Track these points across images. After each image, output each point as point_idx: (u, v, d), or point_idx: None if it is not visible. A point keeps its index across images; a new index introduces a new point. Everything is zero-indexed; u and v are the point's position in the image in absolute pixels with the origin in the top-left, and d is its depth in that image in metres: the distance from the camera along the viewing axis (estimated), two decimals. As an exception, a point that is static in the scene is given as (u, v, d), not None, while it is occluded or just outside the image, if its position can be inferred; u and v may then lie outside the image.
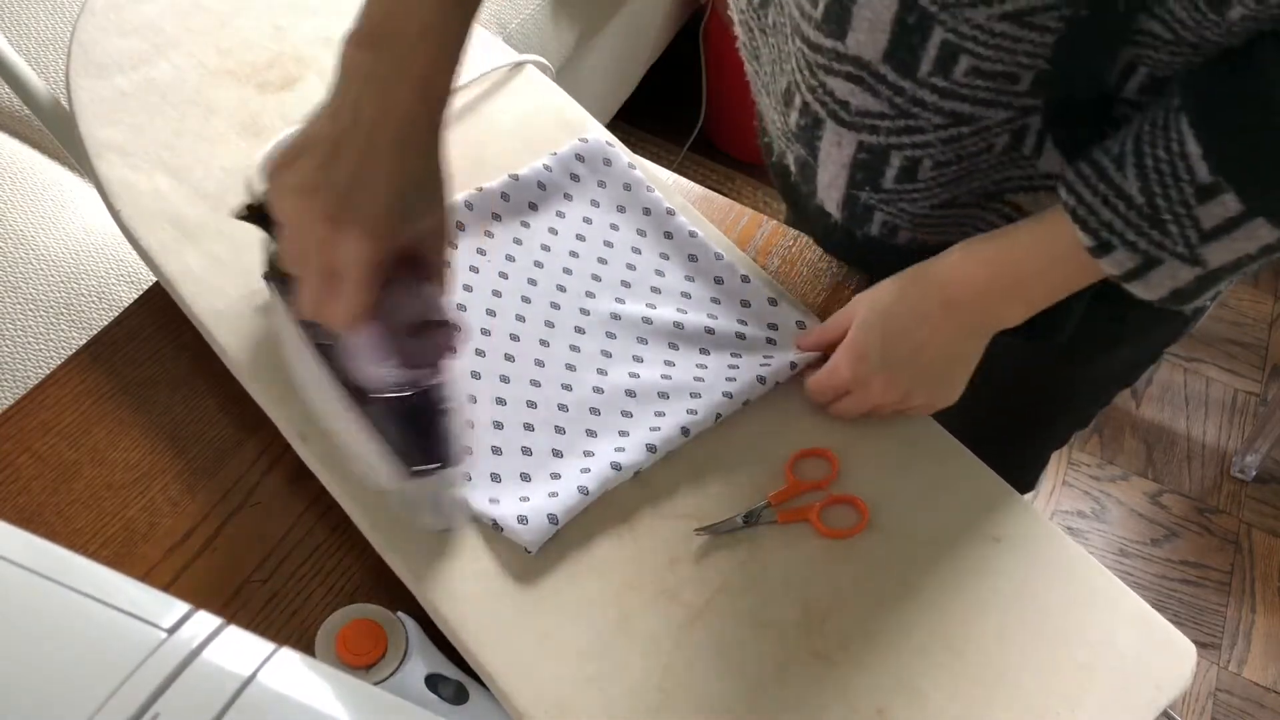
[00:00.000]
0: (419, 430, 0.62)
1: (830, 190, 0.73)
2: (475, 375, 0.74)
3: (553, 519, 0.66)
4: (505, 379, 0.74)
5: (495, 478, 0.69)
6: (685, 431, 0.72)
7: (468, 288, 0.78)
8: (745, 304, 0.81)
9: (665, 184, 0.89)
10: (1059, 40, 0.57)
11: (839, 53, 0.61)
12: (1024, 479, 0.97)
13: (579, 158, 0.86)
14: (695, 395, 0.74)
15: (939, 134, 0.64)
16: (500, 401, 0.73)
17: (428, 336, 0.57)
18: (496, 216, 0.83)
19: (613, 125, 1.63)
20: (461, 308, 0.77)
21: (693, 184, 0.92)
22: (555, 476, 0.69)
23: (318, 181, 0.55)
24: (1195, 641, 0.69)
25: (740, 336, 0.79)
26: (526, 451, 0.71)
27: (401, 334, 0.57)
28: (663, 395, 0.75)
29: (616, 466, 0.69)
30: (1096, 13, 0.55)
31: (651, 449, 0.71)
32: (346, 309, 0.56)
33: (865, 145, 0.67)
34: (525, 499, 0.68)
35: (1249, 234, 0.56)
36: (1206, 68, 0.56)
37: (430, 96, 0.59)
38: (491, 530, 0.67)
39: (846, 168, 0.70)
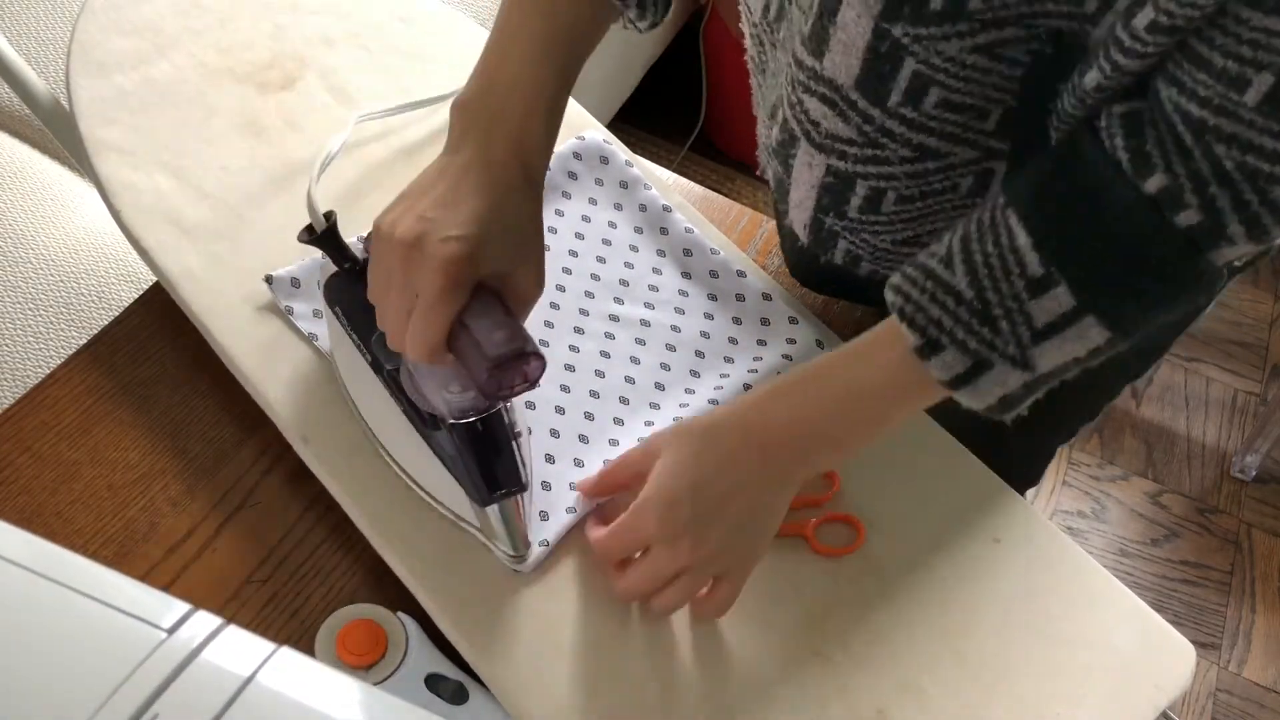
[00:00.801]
0: (492, 455, 0.63)
1: (799, 211, 0.72)
2: (475, 375, 0.74)
3: (544, 544, 0.66)
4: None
5: None
6: None
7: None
8: (740, 298, 0.81)
9: (665, 184, 0.89)
10: (1025, 75, 0.56)
11: (816, 73, 0.61)
12: (1030, 474, 0.95)
13: (576, 156, 0.86)
14: (684, 405, 0.74)
15: (904, 167, 0.64)
16: (500, 402, 0.73)
17: (509, 368, 0.57)
18: None
19: (613, 125, 1.63)
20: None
21: (693, 184, 0.93)
22: (546, 487, 0.69)
23: (405, 215, 0.58)
24: (1195, 641, 0.69)
25: (733, 340, 0.79)
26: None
27: (481, 365, 0.57)
28: (654, 405, 0.74)
29: None
30: (1060, 51, 0.54)
31: None
32: (422, 336, 0.57)
33: (833, 169, 0.66)
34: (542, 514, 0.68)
35: (1080, 333, 0.53)
36: (1030, 166, 0.55)
37: (524, 148, 0.62)
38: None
39: (815, 190, 0.69)
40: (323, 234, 0.66)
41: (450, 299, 0.57)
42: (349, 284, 0.66)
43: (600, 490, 0.67)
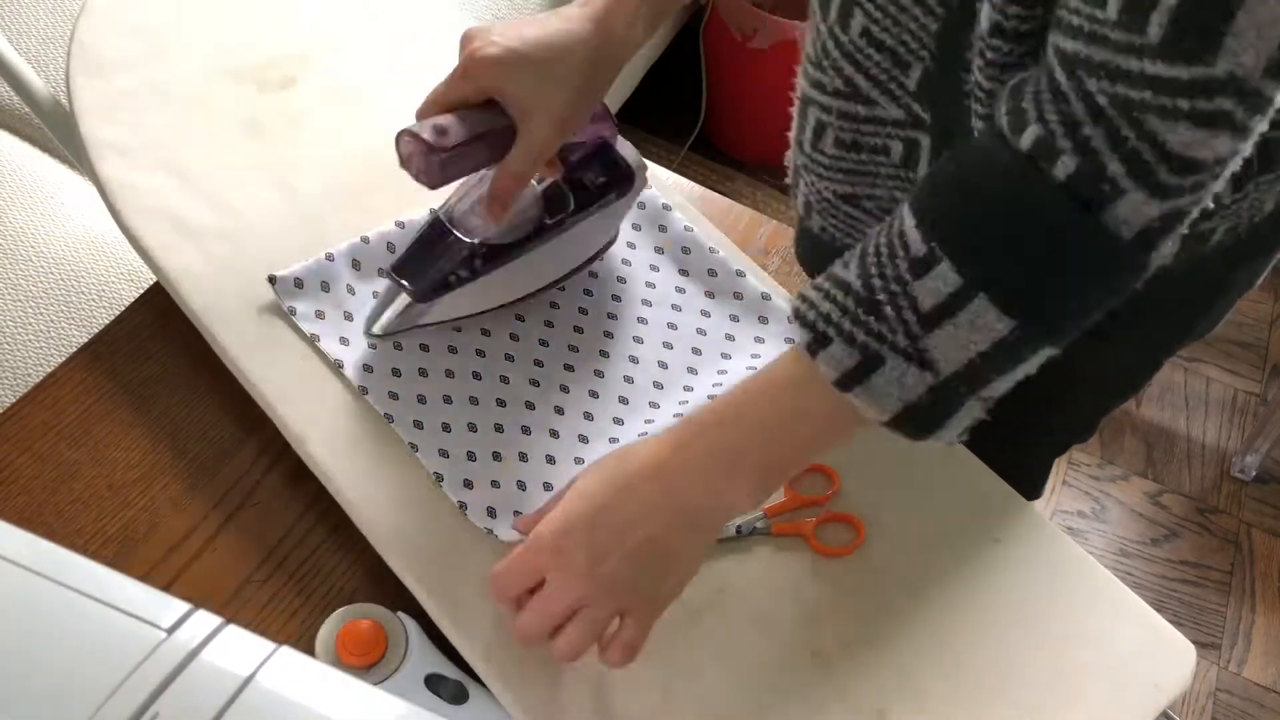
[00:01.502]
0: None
1: (793, 148, 0.76)
2: (476, 376, 0.74)
3: None
4: (505, 379, 0.74)
5: (494, 484, 0.69)
6: None
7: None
8: (738, 297, 0.81)
9: (665, 184, 0.89)
10: (939, 32, 0.56)
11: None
12: (1027, 489, 0.88)
13: None
14: (683, 402, 0.74)
15: (838, 102, 0.66)
16: (500, 404, 0.73)
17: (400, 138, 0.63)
18: None
19: (613, 125, 1.62)
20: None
21: (693, 184, 0.93)
22: (548, 487, 0.69)
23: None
24: (1195, 641, 0.69)
25: (730, 338, 0.79)
26: (523, 458, 0.71)
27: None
28: (654, 405, 0.75)
29: None
30: (965, 11, 0.55)
31: None
32: (430, 95, 0.65)
33: (800, 90, 0.71)
34: (519, 513, 0.68)
35: (973, 319, 0.48)
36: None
37: (610, 16, 0.65)
38: (484, 535, 0.67)
39: (794, 114, 0.73)
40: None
41: (457, 80, 0.64)
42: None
43: (534, 520, 0.62)
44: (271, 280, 0.74)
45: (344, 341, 0.73)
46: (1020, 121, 0.47)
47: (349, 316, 0.75)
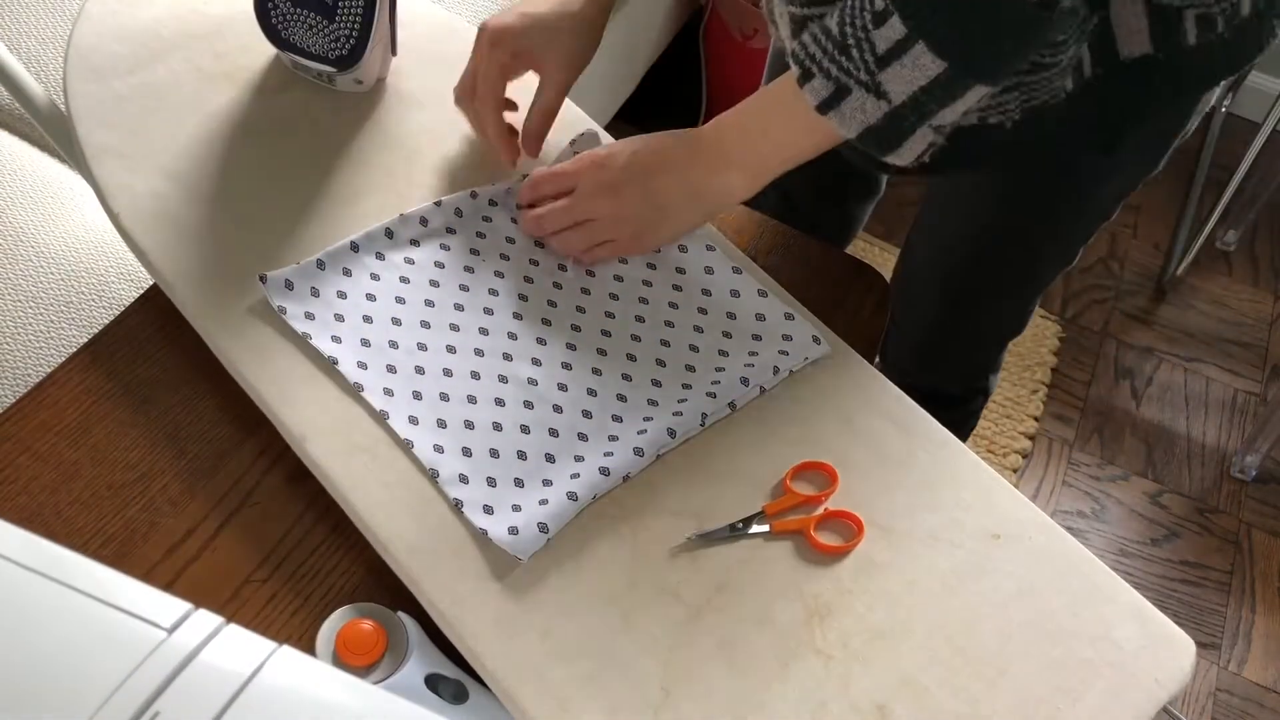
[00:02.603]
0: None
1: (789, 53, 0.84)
2: (475, 375, 0.74)
3: (543, 528, 0.66)
4: (504, 379, 0.74)
5: (491, 482, 0.69)
6: (672, 433, 0.72)
7: (464, 288, 0.79)
8: (735, 295, 0.81)
9: (665, 184, 0.89)
10: None
11: None
12: (1016, 324, 1.07)
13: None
14: (682, 400, 0.74)
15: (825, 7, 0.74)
16: (499, 403, 0.73)
17: None
18: (488, 219, 0.83)
19: (613, 125, 1.62)
20: (459, 308, 0.77)
21: (693, 184, 0.92)
22: (547, 483, 0.69)
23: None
24: (1195, 642, 0.69)
25: (728, 335, 0.79)
26: (522, 456, 0.71)
27: None
28: (652, 402, 0.75)
29: (605, 471, 0.69)
30: None
31: (639, 452, 0.71)
32: (468, 69, 0.84)
33: (793, 16, 0.78)
34: (517, 508, 0.68)
35: (915, 61, 0.62)
36: None
37: None
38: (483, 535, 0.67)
39: (791, 36, 0.80)
40: None
41: (487, 49, 0.81)
42: None
43: (553, 169, 0.80)
44: (262, 279, 0.74)
45: (336, 340, 0.74)
46: None
47: (340, 318, 0.75)
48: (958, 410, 1.21)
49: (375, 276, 0.77)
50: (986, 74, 0.64)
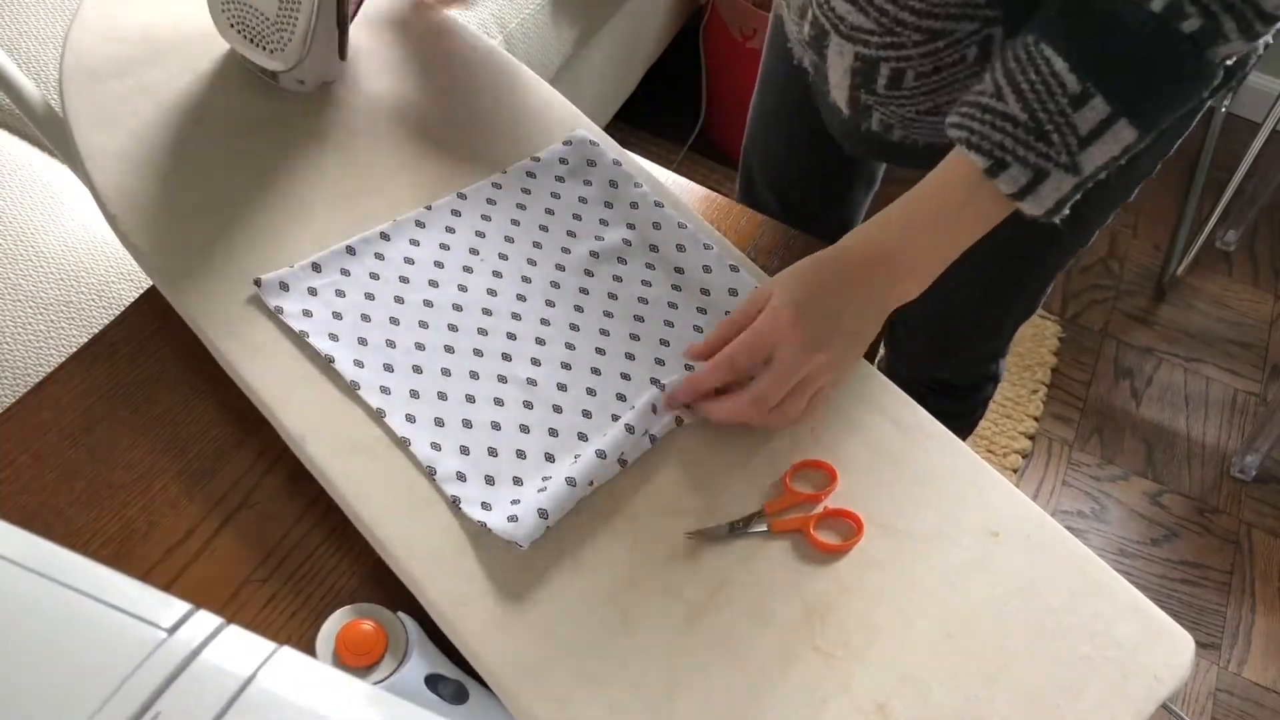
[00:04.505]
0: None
1: (839, 90, 0.83)
2: (474, 375, 0.74)
3: (543, 513, 0.67)
4: (503, 379, 0.74)
5: (489, 480, 0.69)
6: (679, 421, 0.72)
7: (463, 288, 0.79)
8: (734, 293, 0.81)
9: (664, 184, 0.89)
10: None
11: None
12: (1031, 308, 1.08)
13: (562, 160, 0.87)
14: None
15: (918, 49, 0.75)
16: (499, 403, 0.73)
17: None
18: (486, 218, 0.83)
19: (613, 125, 1.62)
20: (458, 308, 0.77)
21: (692, 184, 0.93)
22: (546, 479, 0.69)
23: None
24: (1195, 642, 0.69)
25: None
26: (521, 455, 0.71)
27: None
28: (652, 405, 0.75)
29: (601, 454, 0.70)
30: None
31: (630, 430, 0.71)
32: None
33: (860, 55, 0.78)
34: (516, 500, 0.68)
35: (1115, 135, 0.64)
36: (1049, 9, 0.66)
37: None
38: (485, 531, 0.67)
39: (847, 73, 0.81)
40: None
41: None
42: None
43: (721, 335, 0.74)
44: (257, 283, 0.74)
45: (333, 338, 0.74)
46: None
47: (337, 316, 0.75)
48: (970, 398, 1.22)
49: (374, 276, 0.78)
50: (1155, 131, 0.65)
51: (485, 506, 0.68)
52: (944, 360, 1.15)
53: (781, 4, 0.91)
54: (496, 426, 0.72)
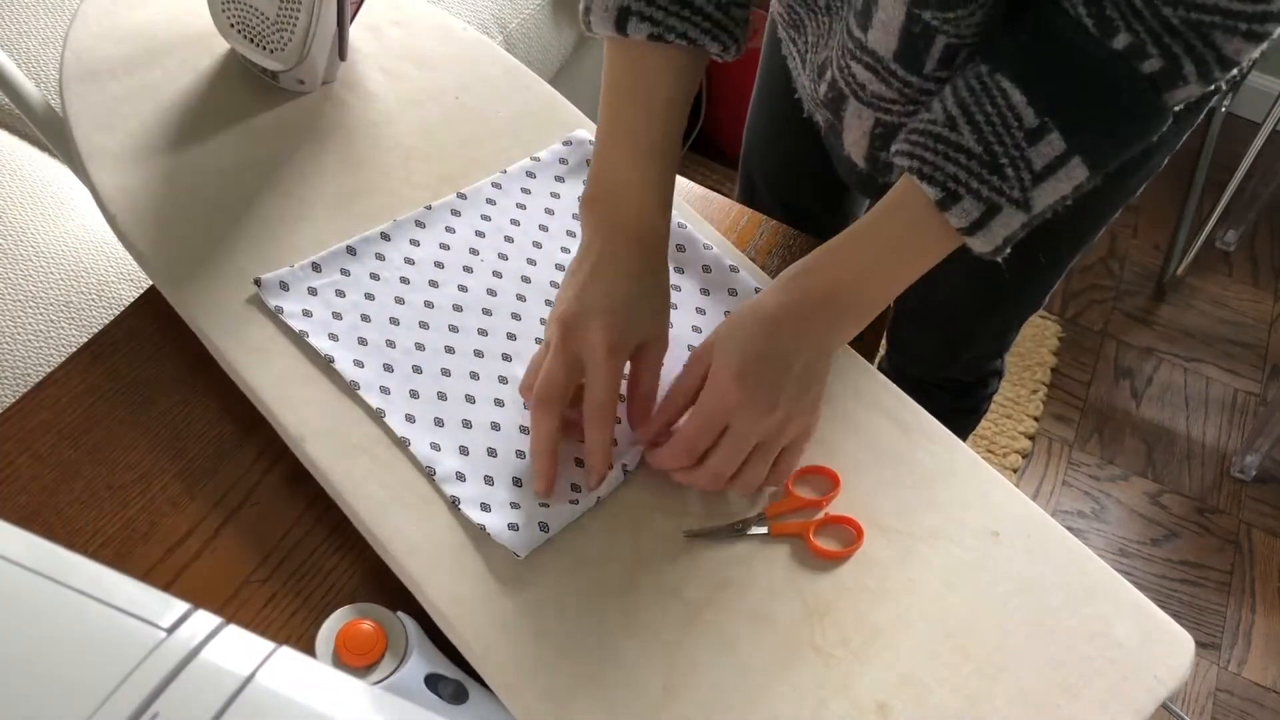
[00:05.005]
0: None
1: (856, 148, 0.82)
2: (474, 376, 0.74)
3: (544, 527, 0.67)
4: (503, 379, 0.74)
5: (489, 480, 0.69)
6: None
7: (463, 288, 0.79)
8: (733, 293, 0.81)
9: (665, 184, 0.89)
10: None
11: (862, 44, 0.70)
12: (1037, 304, 1.06)
13: (562, 161, 0.87)
14: None
15: (918, 109, 0.72)
16: (498, 403, 0.73)
17: None
18: (486, 218, 0.83)
19: (612, 125, 1.59)
20: (458, 308, 0.77)
21: (692, 184, 0.93)
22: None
23: (562, 301, 0.70)
24: (1195, 642, 0.69)
25: None
26: (520, 455, 0.71)
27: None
28: None
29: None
30: None
31: (637, 442, 0.71)
32: (595, 387, 0.68)
33: (881, 121, 0.76)
34: (516, 505, 0.68)
35: (1068, 173, 0.62)
36: (1004, 38, 0.64)
37: (644, 240, 0.72)
38: (484, 532, 0.67)
39: (867, 135, 0.79)
40: None
41: (610, 360, 0.68)
42: None
43: (668, 415, 0.71)
44: (257, 283, 0.74)
45: (333, 338, 0.74)
46: (1109, 27, 0.59)
47: (338, 316, 0.75)
48: (974, 394, 1.22)
49: (375, 276, 0.78)
50: (1108, 167, 0.64)
51: (485, 508, 0.68)
52: (954, 360, 1.15)
53: (790, 53, 0.89)
54: (496, 427, 0.72)
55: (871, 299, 0.69)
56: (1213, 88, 0.63)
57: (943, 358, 1.15)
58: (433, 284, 0.78)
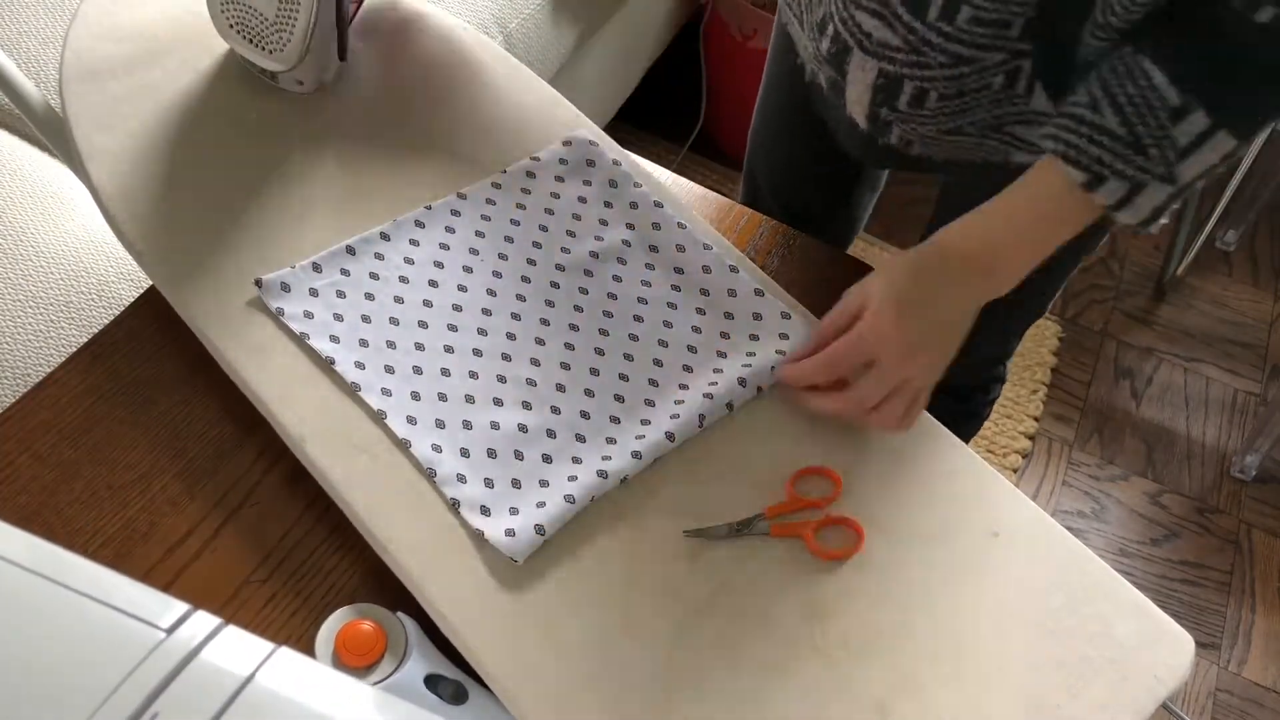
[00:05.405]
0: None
1: (857, 105, 0.82)
2: (473, 375, 0.74)
3: (540, 530, 0.67)
4: (502, 379, 0.74)
5: (489, 483, 0.69)
6: (670, 437, 0.72)
7: (463, 288, 0.79)
8: (732, 294, 0.81)
9: (664, 184, 0.89)
10: None
11: None
12: (1041, 309, 1.08)
13: (562, 161, 0.87)
14: (679, 401, 0.74)
15: (943, 71, 0.74)
16: (498, 403, 0.73)
17: None
18: (486, 218, 0.83)
19: (613, 125, 1.62)
20: (458, 308, 0.77)
21: (692, 184, 0.93)
22: (544, 484, 0.69)
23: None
24: (1195, 642, 0.69)
25: (725, 335, 0.79)
26: (519, 456, 0.71)
27: None
28: (649, 403, 0.75)
29: (603, 474, 0.69)
30: None
31: (637, 456, 0.71)
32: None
33: (884, 72, 0.77)
34: (514, 510, 0.68)
35: (1214, 146, 0.64)
36: (1146, 20, 0.66)
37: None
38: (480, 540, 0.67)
39: (869, 89, 0.79)
40: None
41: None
42: None
43: (825, 338, 0.75)
44: (258, 283, 0.74)
45: (334, 339, 0.74)
46: (1253, 3, 0.60)
47: (338, 317, 0.75)
48: (975, 399, 1.21)
49: (374, 276, 0.78)
50: (1258, 135, 0.66)
51: (484, 511, 0.68)
52: (956, 364, 1.15)
53: (790, 19, 0.90)
54: (495, 427, 0.72)
55: (1019, 262, 0.73)
56: None
57: None
58: (432, 284, 0.78)
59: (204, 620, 0.38)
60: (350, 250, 0.78)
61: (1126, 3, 0.65)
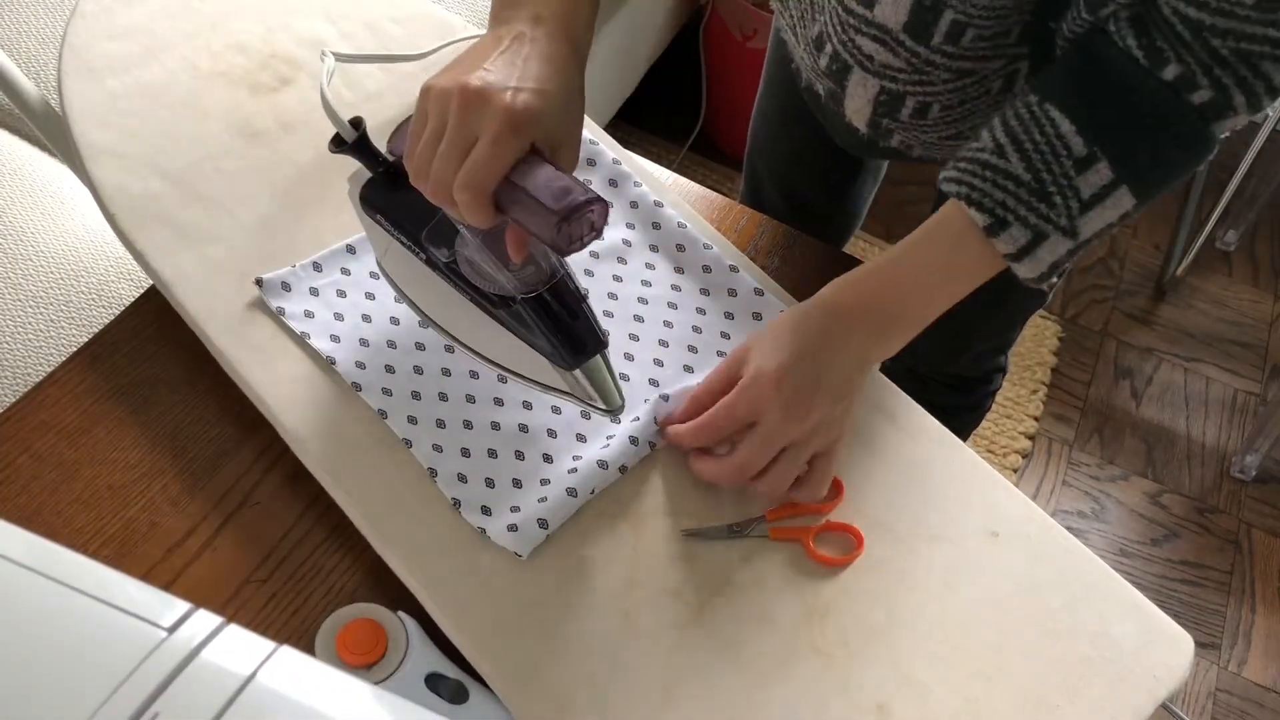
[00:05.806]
0: (568, 320, 0.64)
1: (857, 115, 0.82)
2: (474, 375, 0.74)
3: (543, 524, 0.67)
4: (503, 379, 0.74)
5: (489, 482, 0.69)
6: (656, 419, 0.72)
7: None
8: (732, 293, 0.81)
9: (664, 184, 0.89)
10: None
11: (868, 19, 0.72)
12: (1042, 299, 1.06)
13: None
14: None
15: (946, 85, 0.75)
16: (498, 403, 0.73)
17: (576, 218, 0.57)
18: None
19: (613, 125, 1.62)
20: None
21: (692, 184, 0.93)
22: (545, 483, 0.69)
23: (465, 73, 0.59)
24: (1195, 642, 0.69)
25: (725, 335, 0.79)
26: (519, 456, 0.71)
27: (549, 219, 0.56)
28: (647, 401, 0.75)
29: (603, 464, 0.70)
30: None
31: (634, 441, 0.71)
32: (478, 178, 0.57)
33: (886, 89, 0.77)
34: (515, 509, 0.68)
35: (1115, 202, 0.63)
36: (1055, 67, 0.65)
37: (570, 24, 0.64)
38: (482, 535, 0.67)
39: (870, 103, 0.80)
40: (354, 142, 0.66)
41: (511, 142, 0.57)
42: (387, 190, 0.67)
43: (695, 408, 0.71)
44: (258, 283, 0.74)
45: (335, 339, 0.74)
46: (1159, 58, 0.60)
47: (339, 317, 0.75)
48: (978, 391, 1.22)
49: (375, 275, 0.78)
50: (1155, 197, 0.65)
51: (485, 511, 0.68)
52: (958, 356, 1.15)
53: (783, 27, 0.89)
54: (496, 427, 0.72)
55: (912, 316, 0.70)
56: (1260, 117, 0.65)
57: (946, 353, 1.15)
58: (433, 284, 0.78)
59: (205, 619, 0.38)
60: (351, 249, 0.78)
61: None
